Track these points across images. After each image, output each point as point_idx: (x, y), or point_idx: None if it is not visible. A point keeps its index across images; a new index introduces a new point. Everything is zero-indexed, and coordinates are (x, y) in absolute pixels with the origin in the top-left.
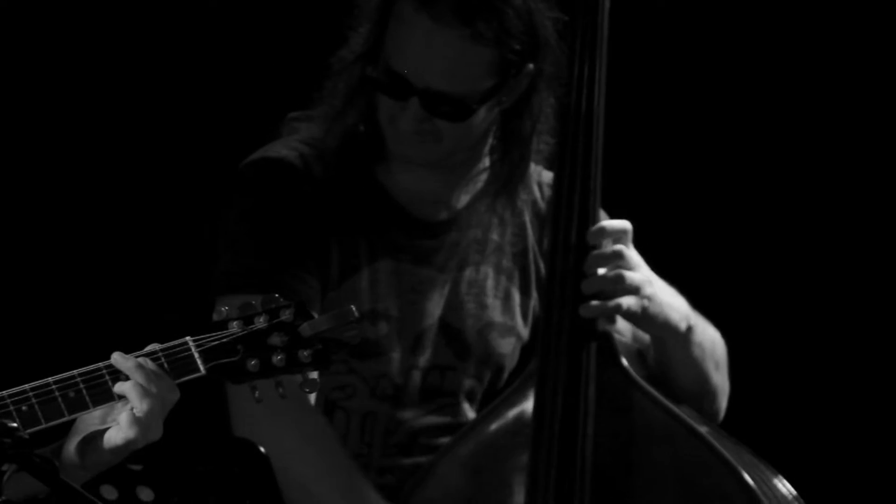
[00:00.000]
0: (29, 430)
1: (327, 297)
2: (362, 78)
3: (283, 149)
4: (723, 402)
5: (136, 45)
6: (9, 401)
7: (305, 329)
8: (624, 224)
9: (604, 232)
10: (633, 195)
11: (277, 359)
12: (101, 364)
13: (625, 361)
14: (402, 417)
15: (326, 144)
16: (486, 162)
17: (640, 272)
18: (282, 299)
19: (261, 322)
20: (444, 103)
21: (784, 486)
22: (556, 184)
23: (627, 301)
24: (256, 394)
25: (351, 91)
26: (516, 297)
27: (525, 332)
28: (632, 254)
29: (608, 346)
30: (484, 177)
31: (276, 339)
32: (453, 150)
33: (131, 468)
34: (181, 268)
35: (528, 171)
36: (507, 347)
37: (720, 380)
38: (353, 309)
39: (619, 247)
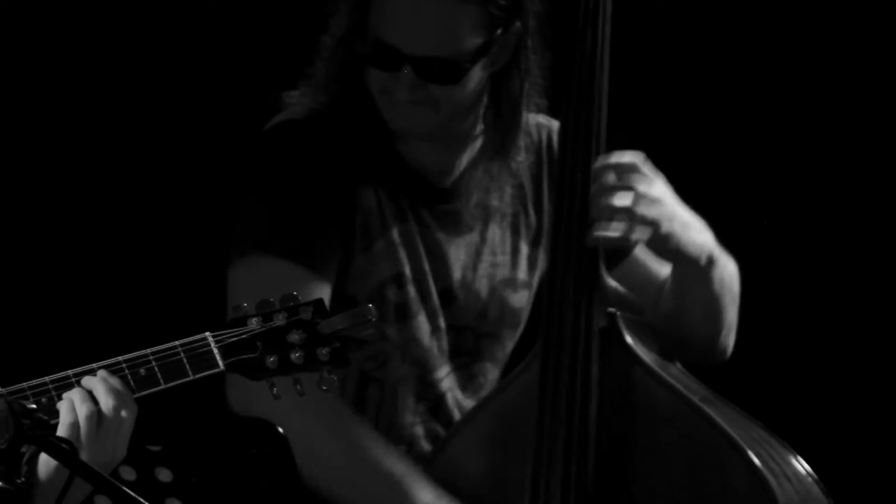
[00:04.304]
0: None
1: (354, 265)
2: (350, 56)
3: (303, 110)
4: (732, 338)
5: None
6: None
7: (324, 327)
8: (632, 157)
9: (609, 168)
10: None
11: (296, 356)
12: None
13: (629, 339)
14: (431, 380)
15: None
16: (482, 127)
17: (657, 205)
18: (300, 298)
19: (280, 319)
20: (436, 67)
21: (799, 464)
22: (561, 132)
23: (639, 233)
24: (274, 390)
25: (338, 73)
26: (524, 249)
27: (535, 281)
28: (648, 182)
29: (612, 325)
30: (480, 142)
31: (294, 337)
32: (450, 117)
33: (150, 449)
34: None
35: (519, 131)
36: (521, 301)
37: (733, 315)
38: (371, 307)
39: (631, 172)
